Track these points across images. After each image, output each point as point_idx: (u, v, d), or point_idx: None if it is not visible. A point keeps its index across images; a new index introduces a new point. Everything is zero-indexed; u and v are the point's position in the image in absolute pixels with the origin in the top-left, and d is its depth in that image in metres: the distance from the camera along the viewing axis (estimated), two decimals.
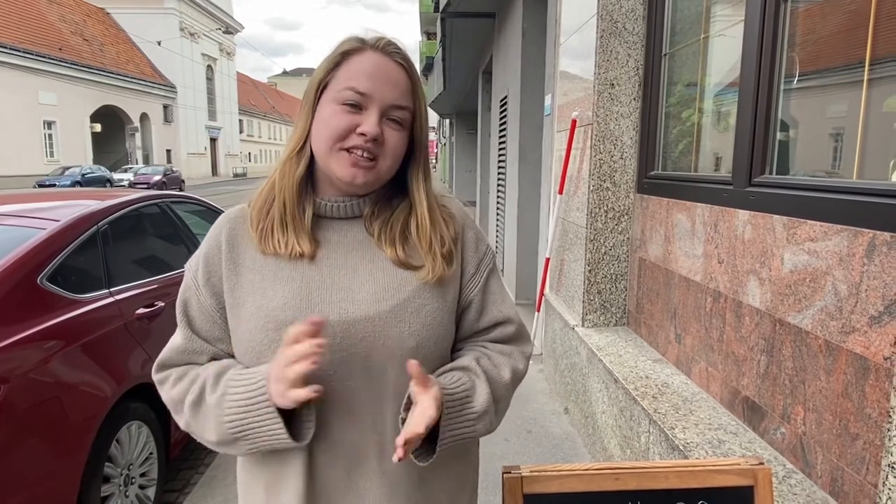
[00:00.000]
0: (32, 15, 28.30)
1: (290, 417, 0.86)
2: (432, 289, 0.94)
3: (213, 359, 0.96)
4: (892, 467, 1.11)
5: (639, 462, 1.17)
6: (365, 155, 0.89)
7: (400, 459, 0.78)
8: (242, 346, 0.92)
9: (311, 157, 0.94)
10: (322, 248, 0.94)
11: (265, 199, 0.95)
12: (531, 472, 1.11)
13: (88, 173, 23.09)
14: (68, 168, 23.62)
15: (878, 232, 1.47)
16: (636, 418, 2.36)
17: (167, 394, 0.96)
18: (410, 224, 0.96)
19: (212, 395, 0.89)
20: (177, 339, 0.97)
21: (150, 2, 37.61)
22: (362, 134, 0.87)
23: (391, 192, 0.99)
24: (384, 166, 0.91)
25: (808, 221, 1.73)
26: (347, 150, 0.89)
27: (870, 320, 1.48)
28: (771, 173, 2.02)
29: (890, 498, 1.12)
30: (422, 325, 0.92)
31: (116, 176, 25.71)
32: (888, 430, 1.14)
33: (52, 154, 27.99)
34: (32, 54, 25.91)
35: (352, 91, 0.88)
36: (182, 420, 0.94)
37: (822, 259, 1.66)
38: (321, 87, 0.92)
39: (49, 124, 27.87)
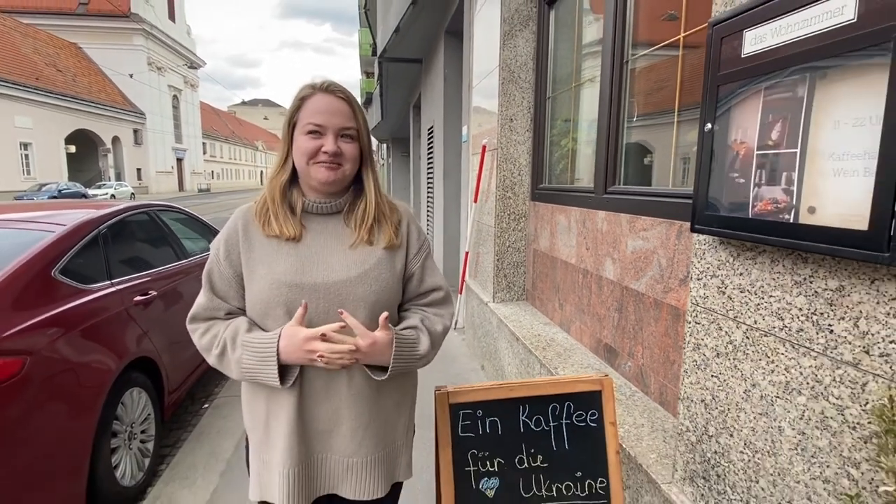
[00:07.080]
0: (6, 47, 25.64)
1: (284, 368, 1.06)
2: (386, 263, 1.13)
3: (229, 313, 1.12)
4: (686, 373, 1.40)
5: (526, 380, 1.40)
6: (331, 163, 1.08)
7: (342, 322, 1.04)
8: (254, 300, 1.09)
9: (293, 173, 1.12)
10: (309, 234, 1.12)
11: (262, 202, 1.13)
12: (454, 389, 1.32)
13: (65, 189, 21.24)
14: (45, 184, 21.65)
15: (683, 222, 1.77)
16: (531, 365, 2.60)
17: (197, 341, 1.12)
18: (367, 209, 1.14)
19: (233, 352, 1.07)
20: (202, 299, 1.12)
21: (120, 39, 34.97)
22: (325, 151, 1.07)
23: (356, 196, 1.17)
24: (346, 168, 1.11)
25: (642, 217, 2.02)
26: (319, 162, 1.08)
27: (679, 282, 1.78)
28: (620, 184, 2.31)
29: (687, 395, 1.40)
30: (379, 287, 1.11)
31: (91, 192, 23.87)
32: (685, 352, 1.43)
33: (28, 172, 25.47)
34: (8, 83, 23.53)
35: (312, 125, 1.08)
36: (209, 360, 1.11)
37: (651, 242, 1.96)
38: (292, 125, 1.11)
39: (25, 145, 25.31)
